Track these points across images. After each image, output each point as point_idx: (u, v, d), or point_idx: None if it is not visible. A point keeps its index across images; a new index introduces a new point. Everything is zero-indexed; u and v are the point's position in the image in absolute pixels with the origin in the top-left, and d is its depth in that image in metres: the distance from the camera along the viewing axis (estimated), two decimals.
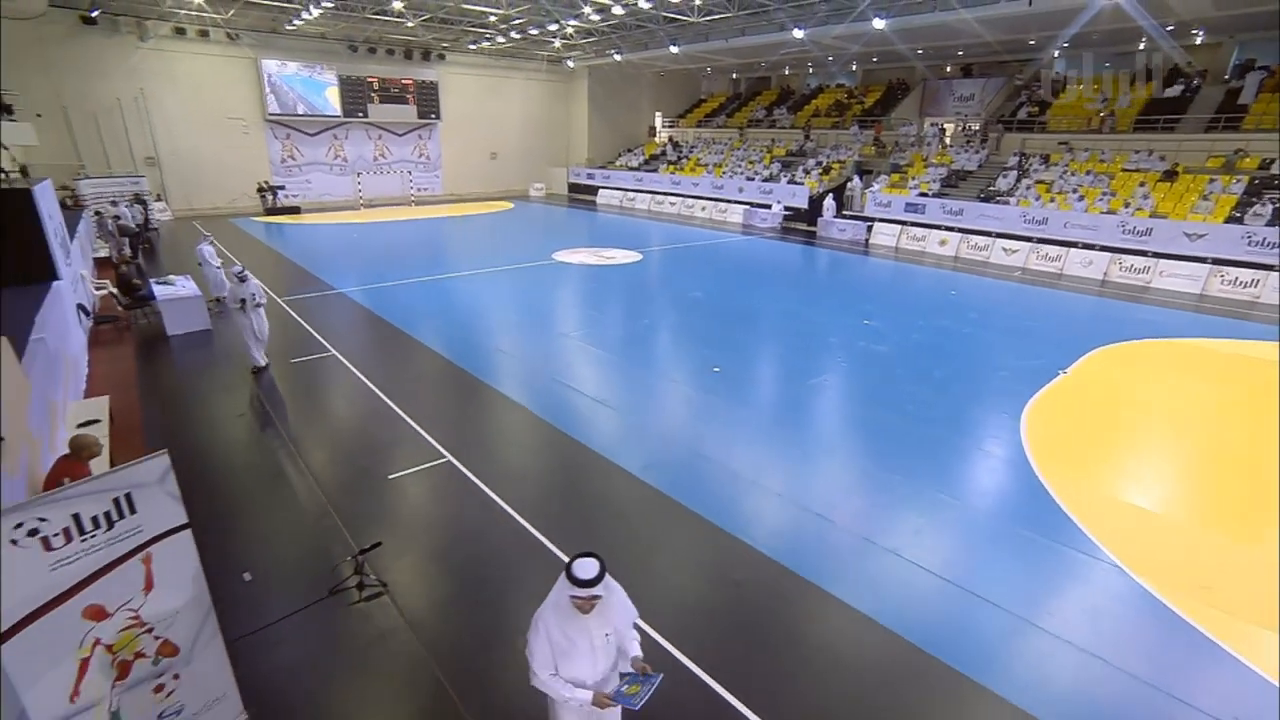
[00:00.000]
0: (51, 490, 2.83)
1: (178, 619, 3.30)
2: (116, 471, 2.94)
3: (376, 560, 5.29)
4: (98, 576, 2.91)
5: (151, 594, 3.14)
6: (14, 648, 2.67)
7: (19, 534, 2.62)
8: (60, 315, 8.72)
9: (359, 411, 8.42)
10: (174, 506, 3.18)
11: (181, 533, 3.24)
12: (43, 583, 2.73)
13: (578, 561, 2.85)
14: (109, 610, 2.98)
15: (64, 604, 2.80)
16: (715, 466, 7.11)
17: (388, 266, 17.48)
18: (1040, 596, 5.17)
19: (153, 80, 26.18)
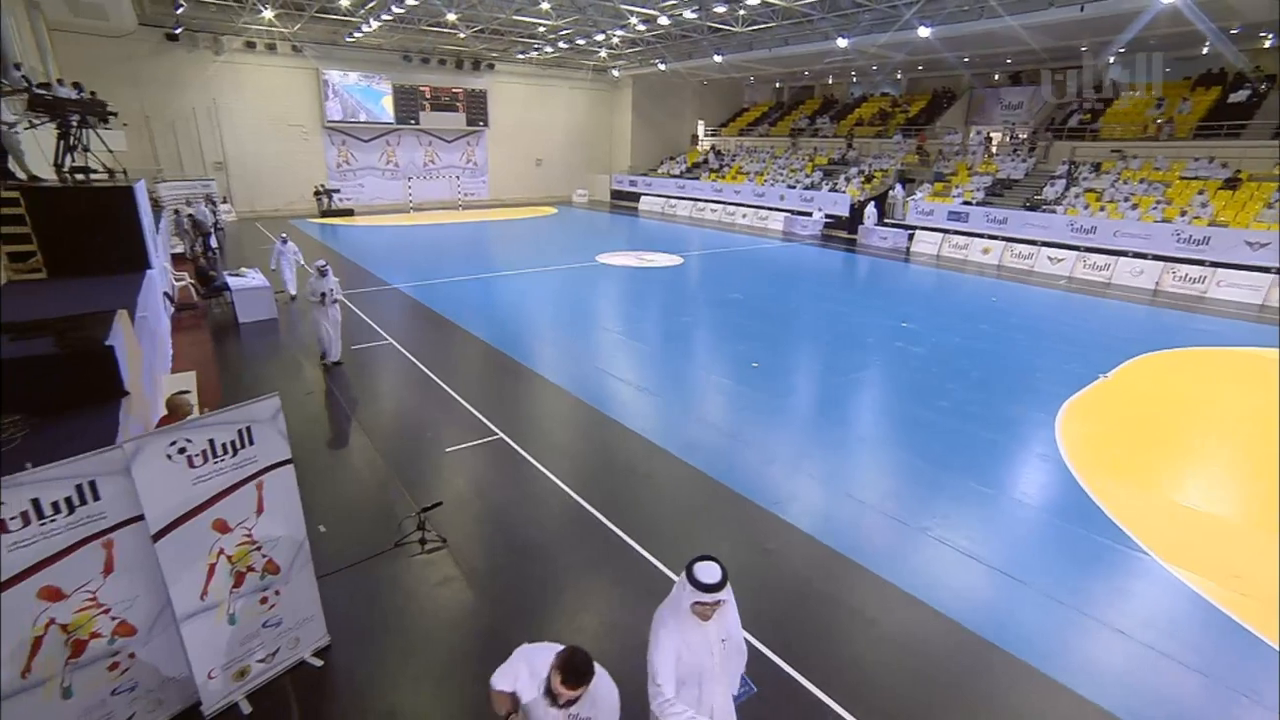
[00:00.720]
0: (195, 417, 3.36)
1: (280, 542, 3.82)
2: (240, 407, 3.46)
3: (436, 518, 5.78)
4: (224, 495, 3.43)
5: (262, 516, 3.66)
6: (166, 546, 3.21)
7: (172, 450, 3.15)
8: (154, 299, 9.58)
9: (416, 393, 9.01)
10: (282, 443, 3.70)
11: (286, 466, 3.76)
12: (186, 494, 3.27)
13: (700, 565, 2.66)
14: (230, 525, 3.50)
15: (199, 515, 3.33)
16: (752, 450, 7.43)
17: (438, 265, 18.30)
18: (1062, 576, 5.33)
19: (224, 90, 27.93)
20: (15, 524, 2.78)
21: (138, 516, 3.14)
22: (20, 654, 2.99)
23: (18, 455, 3.88)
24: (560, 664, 2.32)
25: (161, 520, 3.18)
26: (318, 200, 29.94)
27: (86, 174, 10.49)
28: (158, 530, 3.18)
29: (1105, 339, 12.55)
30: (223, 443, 3.38)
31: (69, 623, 3.12)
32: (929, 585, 5.18)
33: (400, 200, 33.01)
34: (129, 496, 3.07)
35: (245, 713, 3.73)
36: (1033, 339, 12.36)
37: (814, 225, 26.26)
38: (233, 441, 3.42)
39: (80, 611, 3.13)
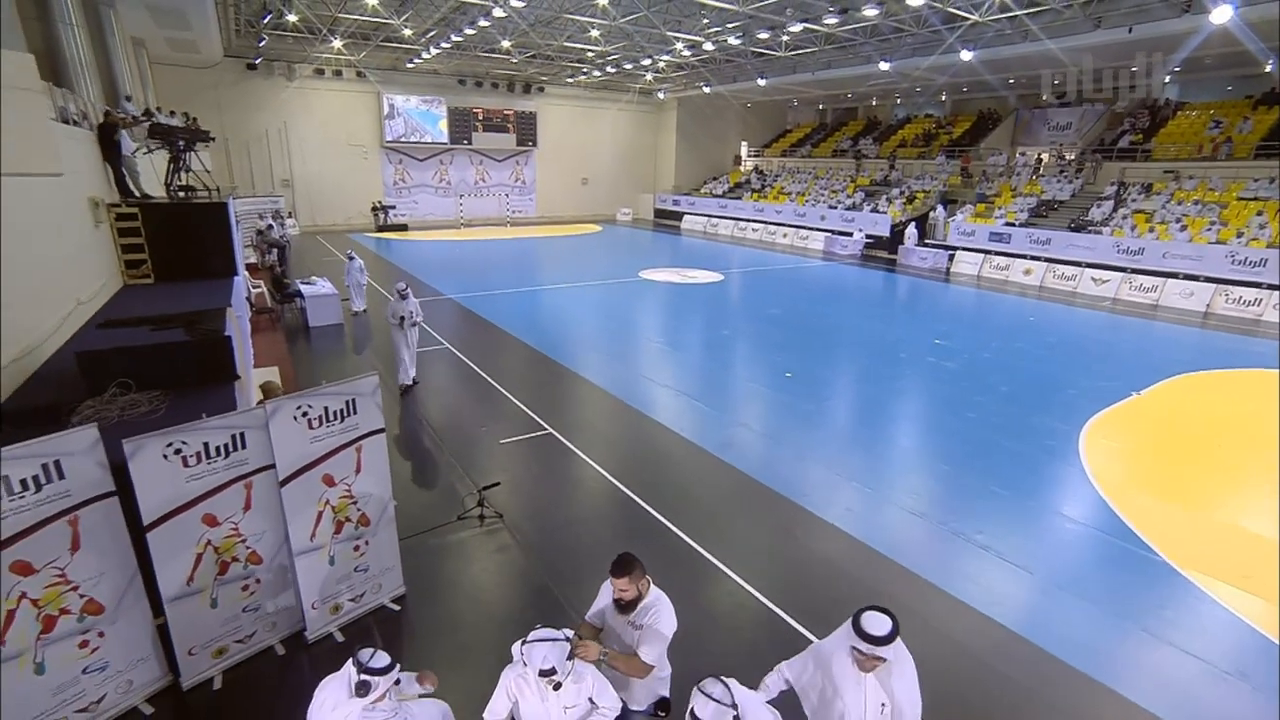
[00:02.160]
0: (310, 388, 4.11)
1: (372, 499, 4.53)
2: (347, 381, 4.21)
3: (493, 497, 6.46)
4: (332, 455, 4.17)
5: (360, 475, 4.39)
6: (289, 491, 3.95)
7: (298, 413, 3.90)
8: (240, 302, 10.68)
9: (472, 392, 9.80)
10: (378, 414, 4.43)
11: (380, 434, 4.48)
12: (305, 449, 4.01)
13: (868, 614, 2.63)
14: (335, 480, 4.23)
15: (313, 469, 4.07)
16: (781, 449, 7.92)
17: (488, 278, 19.33)
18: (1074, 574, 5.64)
19: (294, 113, 30.05)
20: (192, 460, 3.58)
21: (269, 465, 3.89)
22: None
23: (164, 421, 4.71)
24: (613, 563, 2.93)
25: (287, 469, 3.92)
26: (375, 216, 31.71)
27: (190, 192, 11.76)
28: (284, 478, 3.92)
29: (1145, 359, 12.56)
30: (335, 410, 4.12)
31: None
32: (941, 572, 5.58)
33: (452, 216, 34.61)
34: (266, 449, 3.81)
35: (339, 641, 4.43)
36: (1068, 356, 12.46)
37: (854, 245, 26.51)
38: (341, 409, 4.16)
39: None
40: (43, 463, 3.21)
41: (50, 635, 3.39)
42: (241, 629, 4.10)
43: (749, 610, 5.06)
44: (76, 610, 3.46)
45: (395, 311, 9.39)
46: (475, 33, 23.96)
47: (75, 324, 7.10)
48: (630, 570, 2.89)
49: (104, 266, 9.37)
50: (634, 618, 2.95)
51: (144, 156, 11.42)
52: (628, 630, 2.97)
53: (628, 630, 2.97)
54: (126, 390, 5.12)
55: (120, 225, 9.81)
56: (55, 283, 6.86)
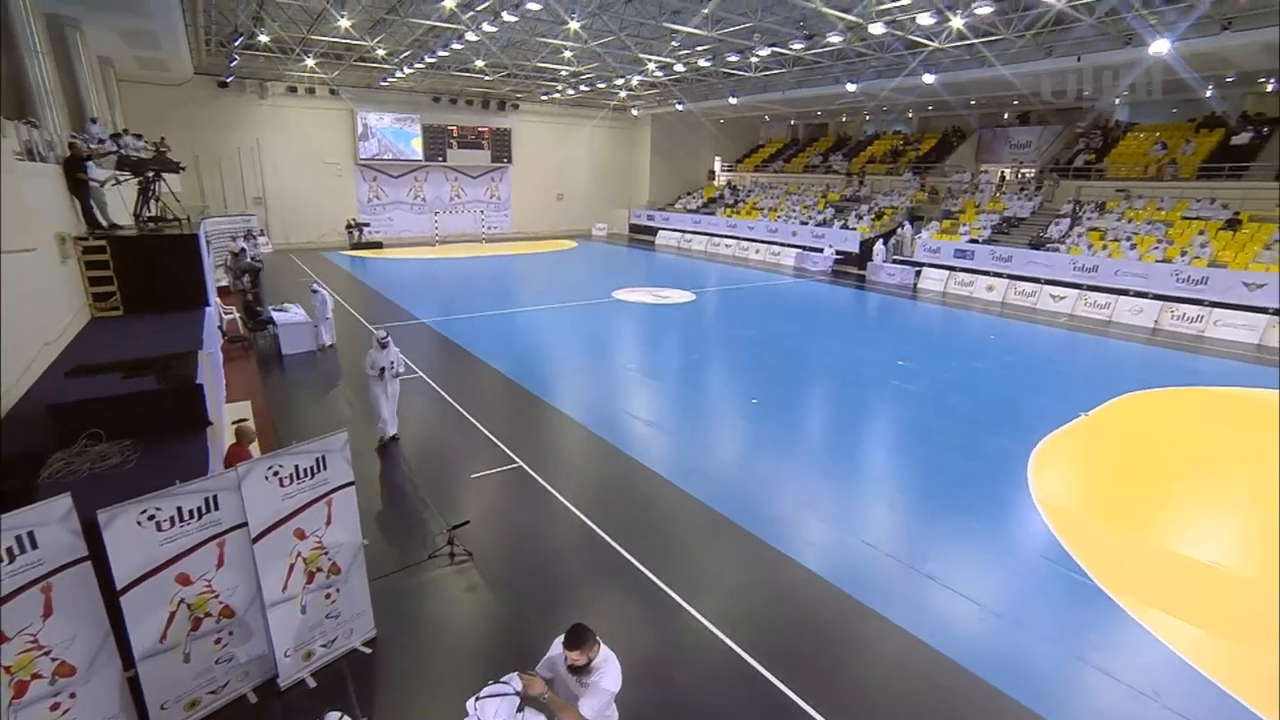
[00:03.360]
0: (281, 449, 4.28)
1: (343, 548, 4.70)
2: (318, 440, 4.38)
3: (464, 535, 6.62)
4: (303, 510, 4.33)
5: (330, 527, 4.55)
6: (261, 547, 4.11)
7: (269, 473, 4.07)
8: (211, 333, 10.70)
9: (444, 424, 9.93)
10: (347, 468, 4.61)
11: (350, 486, 4.65)
12: (277, 506, 4.17)
13: None
14: (307, 533, 4.39)
15: (285, 524, 4.23)
16: (748, 481, 8.20)
17: (463, 300, 19.45)
18: (1013, 602, 5.99)
19: (267, 131, 29.91)
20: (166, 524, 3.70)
21: (242, 523, 4.04)
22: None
23: (135, 473, 4.83)
24: (565, 635, 3.14)
25: (259, 527, 4.08)
26: (349, 233, 31.59)
27: (159, 222, 11.76)
28: (256, 534, 4.08)
29: (1095, 377, 13.14)
30: (305, 467, 4.29)
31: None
32: (890, 604, 5.88)
33: (426, 233, 34.59)
34: (238, 508, 3.97)
35: (312, 686, 4.57)
36: (1024, 376, 13.00)
37: (825, 261, 27.13)
38: (311, 466, 4.33)
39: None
40: (16, 535, 3.27)
41: (22, 700, 3.43)
42: (214, 680, 4.23)
43: (710, 649, 5.30)
44: (48, 674, 3.50)
45: (375, 362, 8.68)
46: (449, 53, 24.17)
47: (43, 364, 7.13)
48: (583, 643, 3.12)
49: (71, 301, 9.37)
50: (581, 677, 3.17)
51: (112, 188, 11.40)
52: (575, 684, 3.20)
53: (575, 684, 3.20)
54: (97, 441, 5.22)
55: (88, 258, 9.82)
56: (20, 326, 6.88)
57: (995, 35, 18.62)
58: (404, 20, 20.79)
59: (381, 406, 8.83)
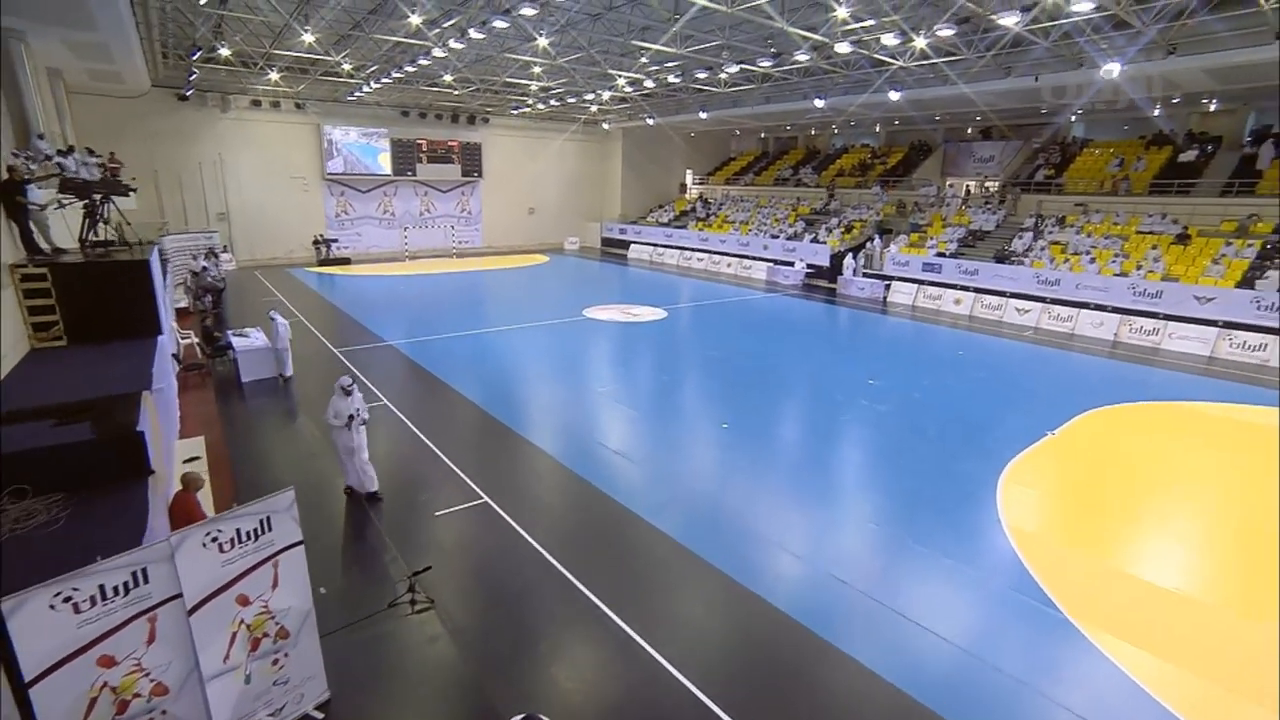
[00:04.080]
0: (224, 511, 4.04)
1: (290, 611, 4.45)
2: (263, 500, 4.14)
3: (425, 581, 6.38)
4: (247, 574, 4.08)
5: (277, 590, 4.30)
6: (198, 619, 3.85)
7: (207, 539, 3.82)
8: (165, 365, 10.27)
9: (409, 456, 9.64)
10: (295, 528, 4.37)
11: (298, 547, 4.42)
12: (217, 574, 3.92)
13: None
14: (250, 599, 4.14)
15: (226, 591, 3.98)
16: (717, 513, 8.10)
17: (431, 320, 19.12)
18: (984, 635, 5.97)
19: (230, 145, 29.20)
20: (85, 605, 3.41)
21: (176, 595, 3.78)
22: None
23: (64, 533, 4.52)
24: None
25: (195, 597, 3.83)
26: (316, 250, 30.93)
27: (107, 247, 11.27)
28: (192, 606, 3.82)
29: (1060, 393, 13.37)
30: (248, 530, 4.05)
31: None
32: (857, 643, 5.81)
33: (396, 249, 34.07)
34: (172, 580, 3.71)
35: None
36: (992, 393, 13.17)
37: (795, 275, 27.35)
38: (255, 529, 4.09)
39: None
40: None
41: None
42: None
43: (677, 699, 5.15)
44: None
45: (339, 411, 7.92)
46: (416, 69, 23.90)
47: None
48: None
49: (7, 332, 8.88)
50: None
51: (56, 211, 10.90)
52: None
53: None
54: (21, 497, 4.89)
55: (27, 286, 9.34)
56: None
57: (957, 55, 19.06)
58: (369, 36, 20.50)
59: (346, 460, 8.10)
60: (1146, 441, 10.90)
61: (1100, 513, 8.40)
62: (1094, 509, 8.49)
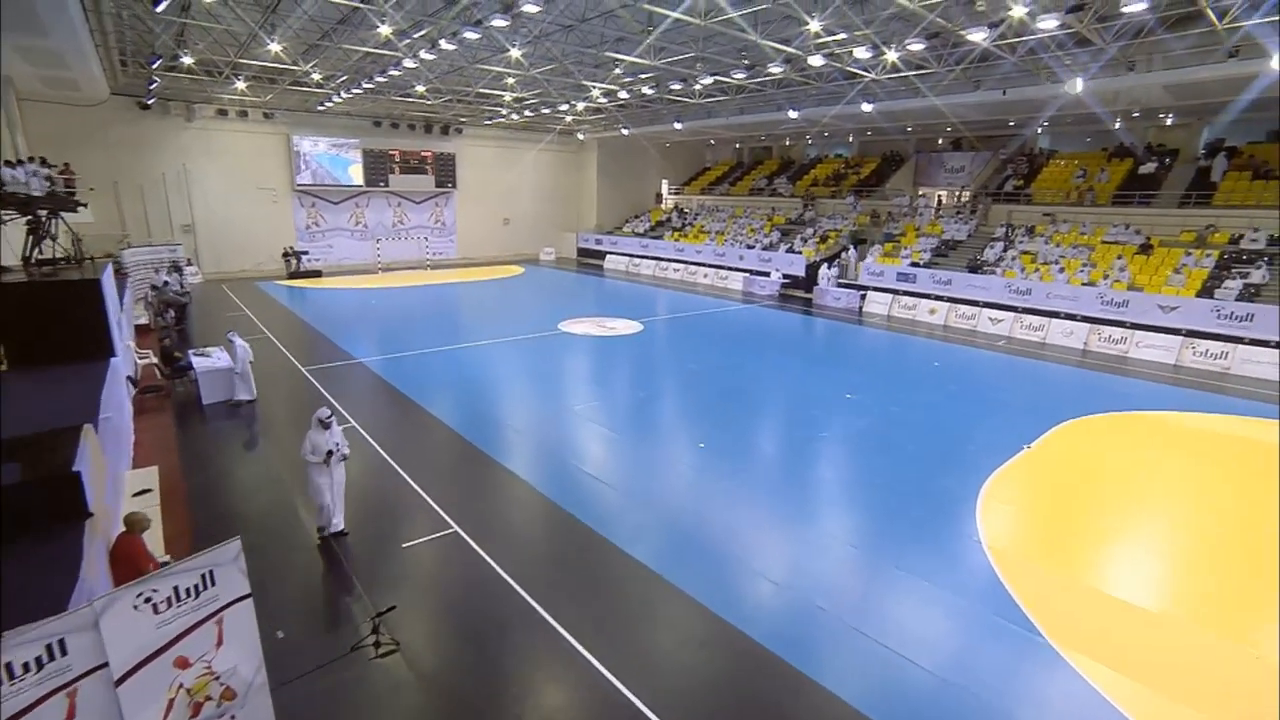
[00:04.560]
0: (161, 569, 3.72)
1: (238, 670, 4.13)
2: (206, 553, 3.84)
3: (391, 620, 6.08)
4: (186, 634, 3.77)
5: (222, 649, 3.99)
6: (127, 689, 3.52)
7: (139, 601, 3.51)
8: (117, 391, 9.78)
9: (376, 483, 9.28)
10: (242, 580, 4.06)
11: (246, 600, 4.11)
12: (150, 637, 3.60)
13: None
14: (191, 661, 3.82)
15: (161, 656, 3.66)
16: (694, 539, 7.90)
17: (403, 335, 18.70)
18: (966, 663, 5.85)
19: (195, 155, 28.44)
20: None
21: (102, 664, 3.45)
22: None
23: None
24: None
25: (124, 666, 3.50)
26: (286, 262, 30.22)
27: (55, 265, 10.76)
28: (120, 676, 3.50)
29: (1035, 404, 13.47)
30: (188, 587, 3.74)
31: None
32: (836, 677, 5.65)
33: (369, 261, 33.46)
34: (96, 649, 3.38)
35: None
36: (968, 406, 13.21)
37: (772, 285, 27.40)
38: (196, 585, 3.78)
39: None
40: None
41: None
42: None
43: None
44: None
45: (317, 447, 7.36)
46: (387, 80, 23.52)
47: None
48: None
49: None
50: None
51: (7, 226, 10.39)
52: None
53: None
54: None
55: None
56: None
57: (928, 69, 19.31)
58: (338, 46, 20.12)
59: (325, 495, 7.52)
60: (1121, 454, 10.98)
61: (1080, 530, 8.38)
62: (1073, 527, 8.47)
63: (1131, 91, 18.47)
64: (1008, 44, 16.70)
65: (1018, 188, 27.89)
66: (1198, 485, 9.84)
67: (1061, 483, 9.73)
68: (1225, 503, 9.28)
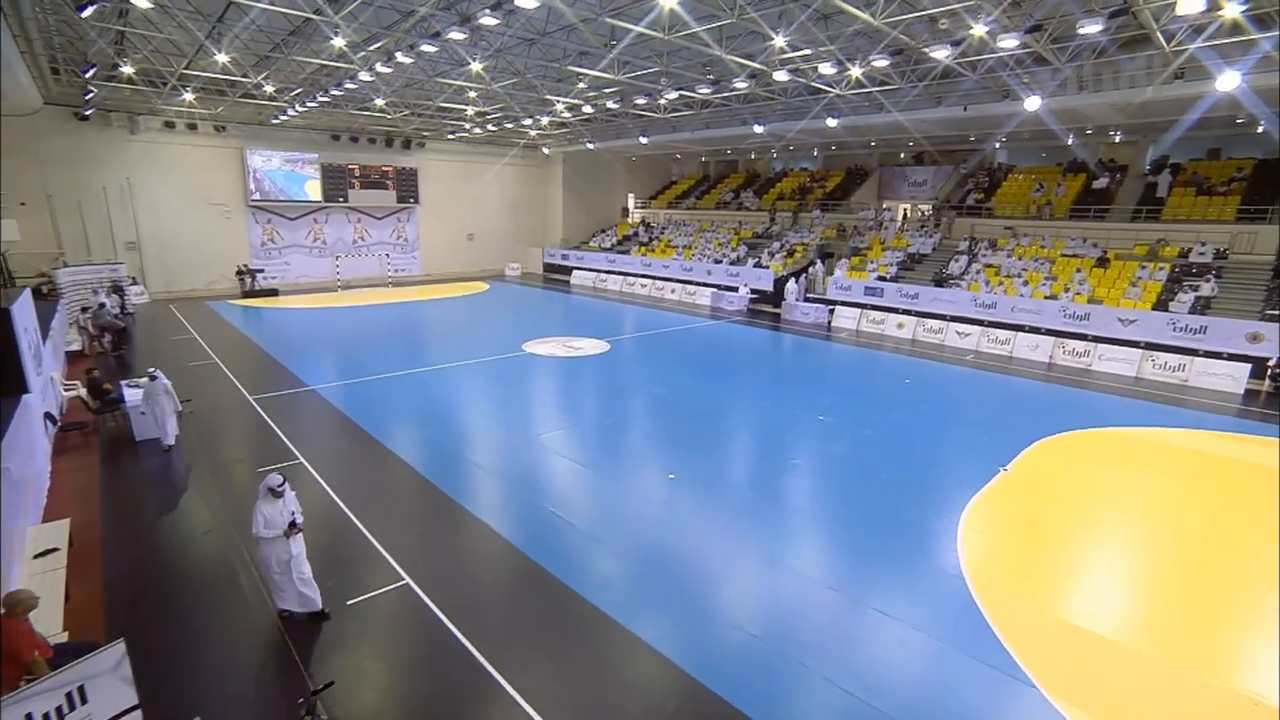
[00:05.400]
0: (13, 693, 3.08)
1: None
2: (72, 667, 3.20)
3: (329, 697, 5.42)
4: None
5: None
6: None
7: None
8: (27, 431, 8.89)
9: (322, 527, 8.54)
10: (126, 690, 3.43)
11: (133, 713, 3.47)
12: None
13: None
14: None
15: None
16: (662, 585, 7.40)
17: (359, 359, 17.88)
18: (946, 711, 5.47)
19: (140, 169, 27.10)
20: None
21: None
22: None
23: None
24: None
25: None
26: (240, 280, 28.98)
27: None
28: None
29: (1007, 422, 13.36)
30: (50, 710, 3.10)
31: None
32: None
33: (328, 278, 32.33)
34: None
35: None
36: (941, 426, 13.01)
37: (740, 301, 27.21)
38: (59, 708, 3.14)
39: None
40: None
41: None
42: None
43: None
44: None
45: (271, 520, 6.29)
46: (342, 93, 22.76)
47: None
48: None
49: None
50: None
51: None
52: None
53: None
54: None
55: None
56: None
57: (891, 85, 19.40)
58: (290, 58, 19.33)
59: (282, 576, 6.39)
60: (1096, 473, 10.85)
61: (1064, 562, 8.13)
62: (1057, 558, 8.22)
63: (1085, 109, 18.85)
64: (969, 62, 16.85)
65: (979, 201, 28.34)
66: (1176, 507, 9.73)
67: (1040, 509, 9.51)
68: (1207, 525, 9.17)
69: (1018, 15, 13.91)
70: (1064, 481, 10.48)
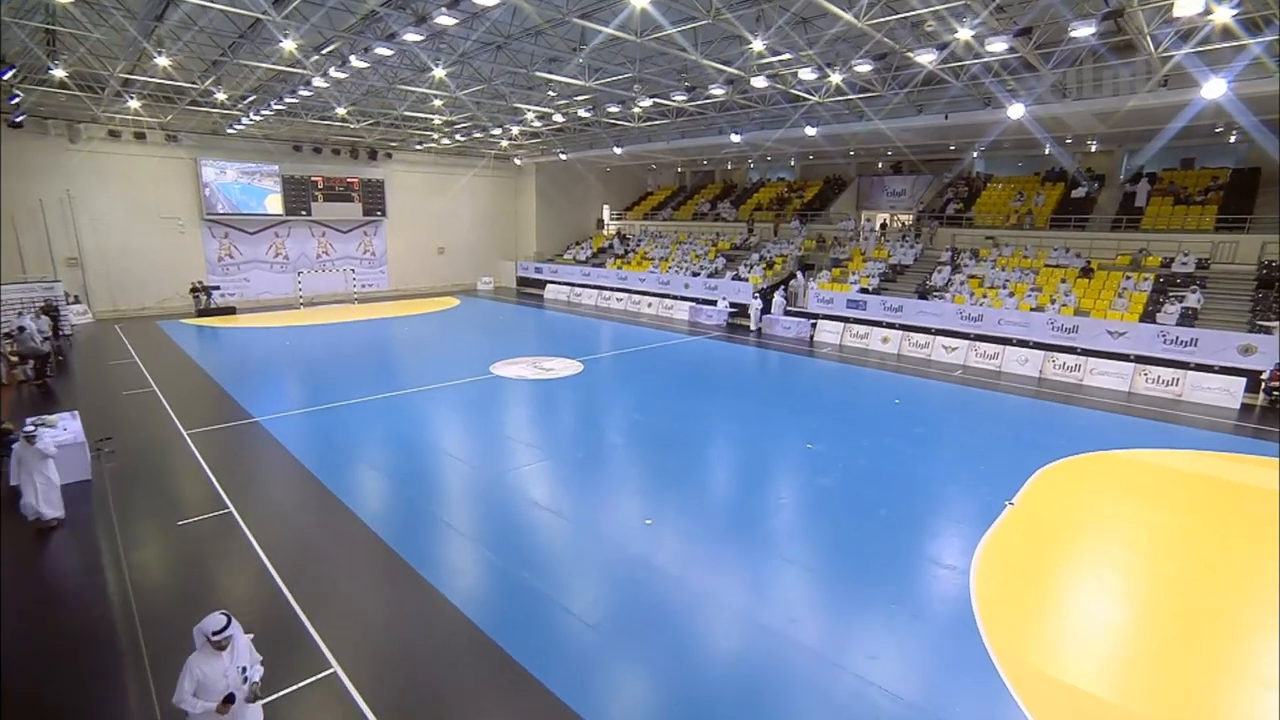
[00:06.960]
0: None
1: None
2: None
3: None
4: None
5: None
6: None
7: None
8: None
9: (242, 597, 7.36)
10: None
11: None
12: None
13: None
14: None
15: None
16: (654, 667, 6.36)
17: (315, 385, 16.60)
18: None
19: (82, 180, 25.49)
20: None
21: None
22: None
23: None
24: None
25: None
26: (195, 298, 27.35)
27: None
28: None
29: (1005, 447, 12.60)
30: None
31: None
32: None
33: (290, 295, 30.81)
34: None
35: None
36: (938, 453, 12.15)
37: (719, 315, 26.35)
38: None
39: None
40: None
41: None
42: None
43: None
44: None
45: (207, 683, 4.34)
46: (298, 100, 21.53)
47: None
48: None
49: None
50: None
51: None
52: None
53: None
54: None
55: None
56: None
57: (872, 92, 18.80)
58: (239, 62, 18.08)
59: None
60: (1109, 504, 10.05)
61: (1095, 622, 7.27)
62: (1087, 617, 7.36)
63: (1068, 118, 18.44)
64: (952, 68, 16.28)
65: (959, 211, 27.95)
66: (1203, 541, 8.98)
67: (1058, 550, 8.65)
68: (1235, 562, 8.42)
69: (1005, 19, 13.33)
70: (1078, 514, 9.66)
